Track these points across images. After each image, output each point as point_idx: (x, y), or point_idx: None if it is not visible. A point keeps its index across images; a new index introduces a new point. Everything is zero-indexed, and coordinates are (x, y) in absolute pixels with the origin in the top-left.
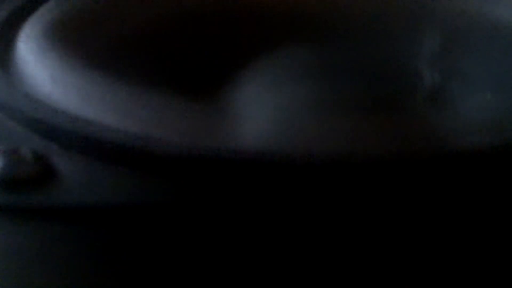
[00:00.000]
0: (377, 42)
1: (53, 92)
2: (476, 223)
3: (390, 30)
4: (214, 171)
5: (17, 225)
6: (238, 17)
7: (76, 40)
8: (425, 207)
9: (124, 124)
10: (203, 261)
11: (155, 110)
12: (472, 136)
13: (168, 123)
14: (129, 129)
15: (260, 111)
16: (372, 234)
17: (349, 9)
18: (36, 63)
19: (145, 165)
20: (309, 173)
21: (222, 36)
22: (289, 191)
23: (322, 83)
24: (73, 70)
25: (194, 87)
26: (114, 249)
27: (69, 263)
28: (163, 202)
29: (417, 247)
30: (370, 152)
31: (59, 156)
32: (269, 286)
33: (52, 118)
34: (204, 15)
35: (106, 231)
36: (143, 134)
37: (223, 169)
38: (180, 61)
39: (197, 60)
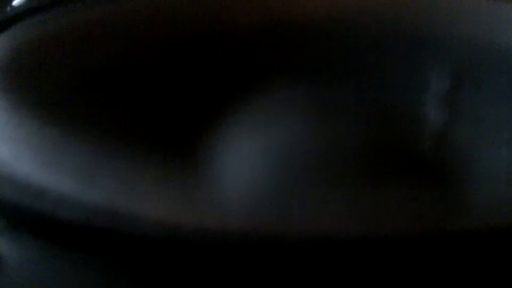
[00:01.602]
0: (381, 77)
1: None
2: None
3: (395, 63)
4: (203, 256)
5: None
6: (220, 46)
7: (28, 84)
8: None
9: (88, 196)
10: None
11: (126, 175)
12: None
13: (140, 194)
14: (95, 203)
15: (248, 176)
16: None
17: (349, 39)
18: None
19: (115, 250)
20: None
21: (202, 70)
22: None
23: (320, 130)
24: (25, 124)
25: (169, 135)
26: None
27: None
28: None
29: None
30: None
31: (4, 237)
32: None
33: None
34: (183, 44)
35: None
36: (113, 210)
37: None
38: (151, 104)
39: (172, 101)
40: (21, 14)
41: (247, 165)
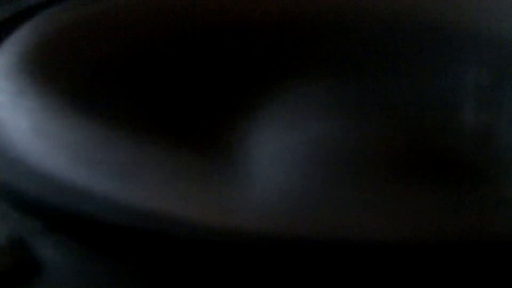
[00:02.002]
0: (411, 73)
1: (35, 149)
2: None
3: (424, 57)
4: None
5: None
6: (238, 39)
7: (56, 76)
8: None
9: (129, 198)
10: None
11: (165, 174)
12: None
13: (183, 196)
14: (139, 205)
15: (283, 176)
16: None
17: (376, 32)
18: (12, 107)
19: (165, 256)
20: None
21: (222, 64)
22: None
23: (349, 129)
24: (58, 117)
25: (200, 133)
26: None
27: None
28: None
29: None
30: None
31: (44, 241)
32: None
33: (36, 189)
34: (204, 35)
35: None
36: (156, 213)
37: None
38: (177, 97)
39: (199, 94)
40: (45, 2)
41: (282, 164)
